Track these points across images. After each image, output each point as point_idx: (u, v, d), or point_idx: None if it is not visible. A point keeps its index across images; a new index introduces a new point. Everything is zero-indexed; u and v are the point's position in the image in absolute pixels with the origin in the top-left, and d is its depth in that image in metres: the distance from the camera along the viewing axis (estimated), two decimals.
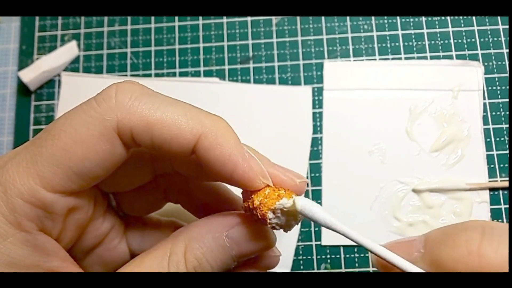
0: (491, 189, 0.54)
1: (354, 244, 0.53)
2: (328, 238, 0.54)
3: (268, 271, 0.39)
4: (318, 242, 0.54)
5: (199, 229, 0.34)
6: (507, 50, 0.57)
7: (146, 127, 0.32)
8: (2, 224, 0.30)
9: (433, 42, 0.58)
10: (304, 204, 0.33)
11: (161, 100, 0.33)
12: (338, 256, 0.54)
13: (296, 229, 0.54)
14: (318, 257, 0.54)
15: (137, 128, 0.32)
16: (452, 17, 0.59)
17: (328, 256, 0.54)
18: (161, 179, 0.41)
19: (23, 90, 0.60)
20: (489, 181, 0.54)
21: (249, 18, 0.60)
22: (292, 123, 0.56)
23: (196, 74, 0.59)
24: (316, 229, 0.54)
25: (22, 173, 0.31)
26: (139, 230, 0.43)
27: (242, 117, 0.57)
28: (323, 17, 0.60)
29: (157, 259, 0.33)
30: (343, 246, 0.54)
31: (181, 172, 0.40)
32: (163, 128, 0.32)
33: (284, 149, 0.56)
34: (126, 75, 0.60)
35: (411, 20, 0.59)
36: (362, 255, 0.53)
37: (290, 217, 0.35)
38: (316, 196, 0.55)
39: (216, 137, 0.32)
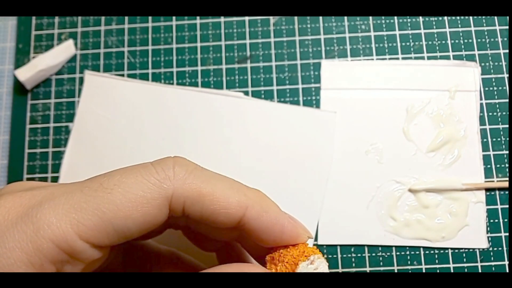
0: (487, 190, 0.54)
1: (351, 243, 0.53)
2: (325, 237, 0.54)
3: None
4: (315, 242, 0.54)
5: None
6: (504, 51, 0.57)
7: (199, 198, 0.34)
8: (23, 265, 0.30)
9: (430, 42, 0.58)
10: None
11: (211, 175, 0.35)
12: (335, 255, 0.54)
13: (313, 225, 0.54)
14: None
15: (190, 198, 0.34)
16: (449, 18, 0.59)
17: (325, 256, 0.53)
18: None
19: (19, 89, 0.60)
20: (485, 181, 0.54)
21: (246, 18, 0.60)
22: (312, 147, 0.56)
23: (194, 73, 0.59)
24: (316, 224, 0.54)
25: (61, 216, 0.31)
26: (139, 262, 0.43)
27: (263, 135, 0.56)
28: (320, 17, 0.60)
29: None
30: (340, 245, 0.54)
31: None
32: (214, 200, 0.34)
33: (302, 172, 0.55)
34: (123, 74, 0.59)
35: (409, 20, 0.59)
36: (359, 255, 0.53)
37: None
38: None
39: (261, 206, 0.35)
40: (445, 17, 0.59)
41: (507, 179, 0.54)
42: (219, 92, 0.58)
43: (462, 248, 0.53)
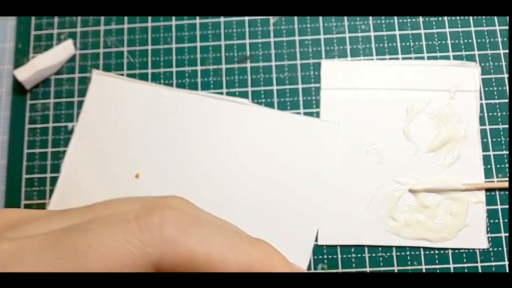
0: (488, 190, 0.54)
1: (351, 244, 0.53)
2: (325, 238, 0.54)
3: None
4: (315, 242, 0.54)
5: None
6: (504, 51, 0.57)
7: (190, 264, 0.29)
8: None
9: (430, 42, 0.58)
10: None
11: (208, 231, 0.30)
12: (335, 256, 0.53)
13: (315, 227, 0.54)
14: (315, 257, 0.54)
15: (180, 266, 0.29)
16: (449, 18, 0.59)
17: (325, 256, 0.53)
18: None
19: (18, 88, 0.60)
20: (486, 182, 0.54)
21: (246, 18, 0.60)
22: (315, 156, 0.56)
23: (193, 73, 0.59)
24: (317, 228, 0.54)
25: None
26: None
27: (266, 143, 0.56)
28: (320, 17, 0.60)
29: None
30: (340, 246, 0.54)
31: None
32: (209, 264, 0.29)
33: (304, 181, 0.55)
34: (123, 74, 0.59)
35: (409, 20, 0.59)
36: (359, 255, 0.53)
37: None
38: None
39: (265, 269, 0.30)
40: (445, 17, 0.59)
41: (507, 179, 0.54)
42: (226, 98, 0.58)
43: (462, 248, 0.53)
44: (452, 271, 0.52)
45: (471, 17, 0.59)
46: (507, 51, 0.57)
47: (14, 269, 0.26)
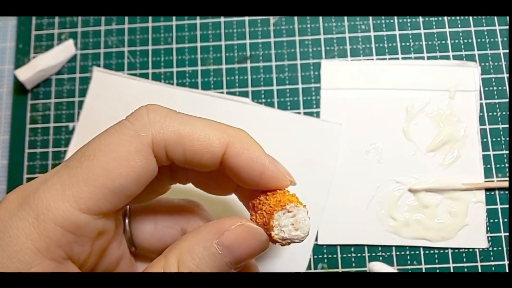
0: (487, 189, 0.54)
1: (351, 243, 0.53)
2: (325, 238, 0.54)
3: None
4: (315, 242, 0.54)
5: (189, 241, 0.34)
6: (504, 51, 0.58)
7: (179, 139, 0.34)
8: (29, 251, 0.30)
9: (430, 42, 0.58)
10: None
11: (188, 117, 0.35)
12: (335, 255, 0.54)
13: (315, 227, 0.54)
14: (315, 256, 0.54)
15: (170, 141, 0.33)
16: (449, 18, 0.59)
17: (325, 256, 0.54)
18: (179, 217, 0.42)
19: (19, 88, 0.60)
20: (485, 181, 0.54)
21: (246, 18, 0.60)
22: (317, 157, 0.56)
23: (194, 73, 0.59)
24: (317, 228, 0.54)
25: (56, 197, 0.31)
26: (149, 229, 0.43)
27: (268, 142, 0.56)
28: (320, 17, 0.60)
29: None
30: (340, 245, 0.54)
31: (197, 186, 0.42)
32: (194, 140, 0.34)
33: (305, 181, 0.55)
34: (123, 74, 0.60)
35: (408, 20, 0.59)
36: (359, 254, 0.53)
37: (295, 229, 0.35)
38: None
39: (242, 143, 0.35)
40: (445, 17, 0.59)
41: (507, 179, 0.54)
42: (227, 97, 0.58)
43: (462, 248, 0.53)
44: (452, 270, 0.52)
45: (471, 17, 0.59)
46: (507, 50, 0.57)
47: (43, 190, 0.31)
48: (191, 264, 0.33)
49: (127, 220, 0.41)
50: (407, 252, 0.53)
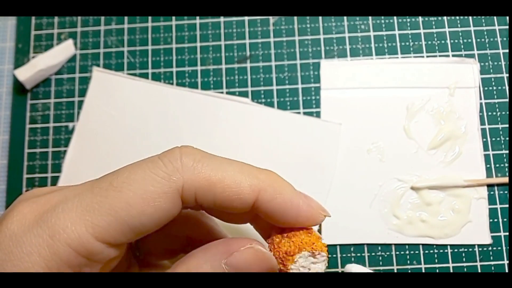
0: (489, 185, 0.54)
1: (351, 243, 0.53)
2: (328, 237, 0.54)
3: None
4: None
5: (198, 259, 0.34)
6: (504, 50, 0.58)
7: (209, 187, 0.33)
8: (40, 269, 0.30)
9: (429, 42, 0.58)
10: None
11: (220, 162, 0.34)
12: (335, 255, 0.54)
13: (315, 229, 0.54)
14: None
15: (201, 189, 0.33)
16: (448, 18, 0.59)
17: (329, 256, 0.53)
18: (184, 224, 0.42)
19: (19, 88, 0.60)
20: (487, 178, 0.54)
21: (246, 18, 0.60)
22: (316, 157, 0.56)
23: (193, 73, 0.59)
24: (317, 229, 0.54)
25: (75, 220, 0.31)
26: None
27: (267, 142, 0.56)
28: (320, 17, 0.60)
29: None
30: (340, 245, 0.54)
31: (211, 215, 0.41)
32: (225, 187, 0.33)
33: (304, 181, 0.55)
34: (123, 74, 0.59)
35: (408, 20, 0.59)
36: (358, 254, 0.53)
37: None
38: None
39: (274, 188, 0.35)
40: (445, 17, 0.59)
41: (507, 178, 0.54)
42: (227, 97, 0.58)
43: (462, 247, 0.53)
44: (451, 270, 0.52)
45: (470, 17, 0.59)
46: (507, 50, 0.58)
47: (62, 210, 0.31)
48: None
49: None
50: (407, 252, 0.53)
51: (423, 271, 0.52)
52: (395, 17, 0.59)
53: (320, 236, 0.37)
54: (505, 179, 0.54)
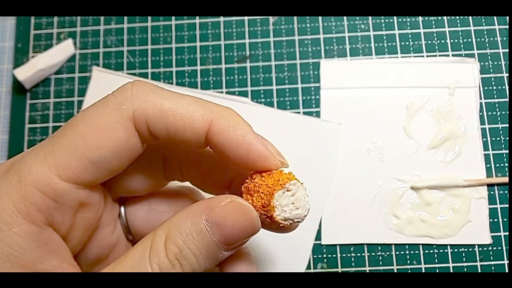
0: (489, 185, 0.54)
1: (351, 243, 0.53)
2: (328, 238, 0.54)
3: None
4: (318, 242, 0.54)
5: (179, 217, 0.33)
6: (503, 50, 0.58)
7: (160, 114, 0.33)
8: (11, 212, 0.30)
9: (429, 42, 0.58)
10: None
11: (172, 92, 0.34)
12: (334, 255, 0.53)
13: (314, 227, 0.54)
14: (315, 256, 0.54)
15: (152, 116, 0.33)
16: (448, 17, 0.59)
17: (325, 256, 0.53)
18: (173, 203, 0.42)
19: (18, 88, 0.60)
20: (487, 177, 0.54)
21: (246, 17, 0.60)
22: (317, 156, 0.56)
23: (193, 73, 0.59)
24: (317, 228, 0.54)
25: (38, 163, 0.31)
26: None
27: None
28: (320, 17, 0.60)
29: (139, 252, 0.32)
30: (340, 245, 0.54)
31: (193, 183, 0.41)
32: (176, 115, 0.33)
33: (304, 182, 0.55)
34: (122, 74, 0.59)
35: (408, 20, 0.59)
36: (358, 254, 0.53)
37: (296, 209, 0.34)
38: None
39: (227, 121, 0.34)
40: (444, 17, 0.59)
41: (507, 177, 0.54)
42: (227, 96, 0.58)
43: (462, 247, 0.53)
44: (451, 270, 0.52)
45: (470, 17, 0.59)
46: (507, 50, 0.58)
47: (28, 157, 0.32)
48: (178, 239, 0.32)
49: (122, 208, 0.41)
50: (407, 252, 0.53)
51: (423, 271, 0.52)
52: (395, 17, 0.59)
53: (282, 170, 0.36)
54: (505, 179, 0.54)
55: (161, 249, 0.32)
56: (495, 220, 0.53)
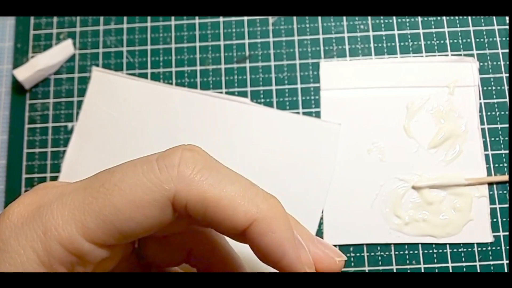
0: (490, 184, 0.54)
1: (351, 243, 0.53)
2: (330, 238, 0.54)
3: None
4: None
5: None
6: (503, 50, 0.58)
7: (202, 203, 0.31)
8: (34, 264, 0.30)
9: (429, 42, 0.58)
10: None
11: (223, 177, 0.32)
12: None
13: (314, 227, 0.54)
14: None
15: (192, 202, 0.31)
16: (447, 17, 0.59)
17: None
18: (188, 237, 0.41)
19: (17, 88, 0.60)
20: (488, 176, 0.54)
21: (245, 18, 0.60)
22: (315, 157, 0.56)
23: (192, 73, 0.59)
24: (317, 228, 0.54)
25: (66, 218, 0.31)
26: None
27: (267, 142, 0.56)
28: (319, 17, 0.60)
29: None
30: (339, 245, 0.54)
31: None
32: (218, 207, 0.31)
33: (303, 182, 0.55)
34: (122, 74, 0.59)
35: (407, 20, 0.59)
36: (358, 254, 0.53)
37: None
38: None
39: (270, 224, 0.32)
40: (444, 17, 0.59)
41: (507, 175, 0.54)
42: (226, 97, 0.58)
43: (462, 247, 0.53)
44: (451, 270, 0.52)
45: (469, 17, 0.59)
46: (506, 50, 0.58)
47: (56, 206, 0.31)
48: None
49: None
50: (406, 252, 0.53)
51: (422, 271, 0.52)
52: (394, 17, 0.59)
53: None
54: (506, 177, 0.54)
55: None
56: (495, 220, 0.53)
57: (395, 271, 0.53)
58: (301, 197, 0.54)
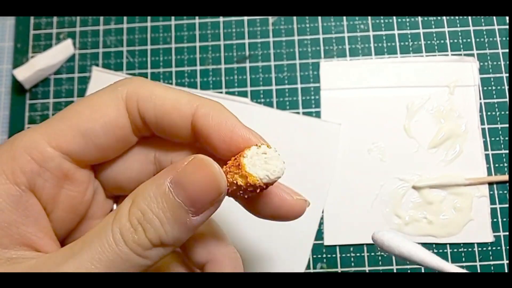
0: (490, 183, 0.54)
1: (351, 243, 0.53)
2: (331, 238, 0.54)
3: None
4: (320, 242, 0.54)
5: (146, 182, 0.33)
6: (503, 50, 0.58)
7: (150, 97, 0.35)
8: None
9: (429, 42, 0.58)
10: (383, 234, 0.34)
11: (168, 86, 0.36)
12: (334, 255, 0.53)
13: (314, 227, 0.54)
14: (314, 256, 0.53)
15: (142, 97, 0.35)
16: (448, 17, 0.59)
17: (324, 256, 0.53)
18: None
19: (17, 88, 0.60)
20: (488, 176, 0.54)
21: (245, 18, 0.60)
22: (316, 156, 0.56)
23: (192, 73, 0.59)
24: (317, 228, 0.54)
25: (32, 131, 0.34)
26: None
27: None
28: (319, 17, 0.60)
29: (105, 219, 0.32)
30: (339, 245, 0.54)
31: None
32: (165, 99, 0.35)
33: (304, 180, 0.55)
34: (122, 74, 0.59)
35: (407, 20, 0.59)
36: (358, 254, 0.53)
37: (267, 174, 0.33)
38: None
39: (213, 107, 0.35)
40: (444, 17, 0.59)
41: (507, 174, 0.54)
42: (226, 97, 0.58)
43: (462, 247, 0.53)
44: None
45: (469, 17, 0.59)
46: (506, 50, 0.58)
47: (27, 129, 0.35)
48: (142, 203, 0.31)
49: (115, 205, 0.41)
50: None
51: (423, 271, 0.52)
52: (394, 17, 0.59)
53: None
54: (506, 177, 0.54)
55: (125, 214, 0.31)
56: (495, 220, 0.53)
57: (395, 271, 0.53)
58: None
